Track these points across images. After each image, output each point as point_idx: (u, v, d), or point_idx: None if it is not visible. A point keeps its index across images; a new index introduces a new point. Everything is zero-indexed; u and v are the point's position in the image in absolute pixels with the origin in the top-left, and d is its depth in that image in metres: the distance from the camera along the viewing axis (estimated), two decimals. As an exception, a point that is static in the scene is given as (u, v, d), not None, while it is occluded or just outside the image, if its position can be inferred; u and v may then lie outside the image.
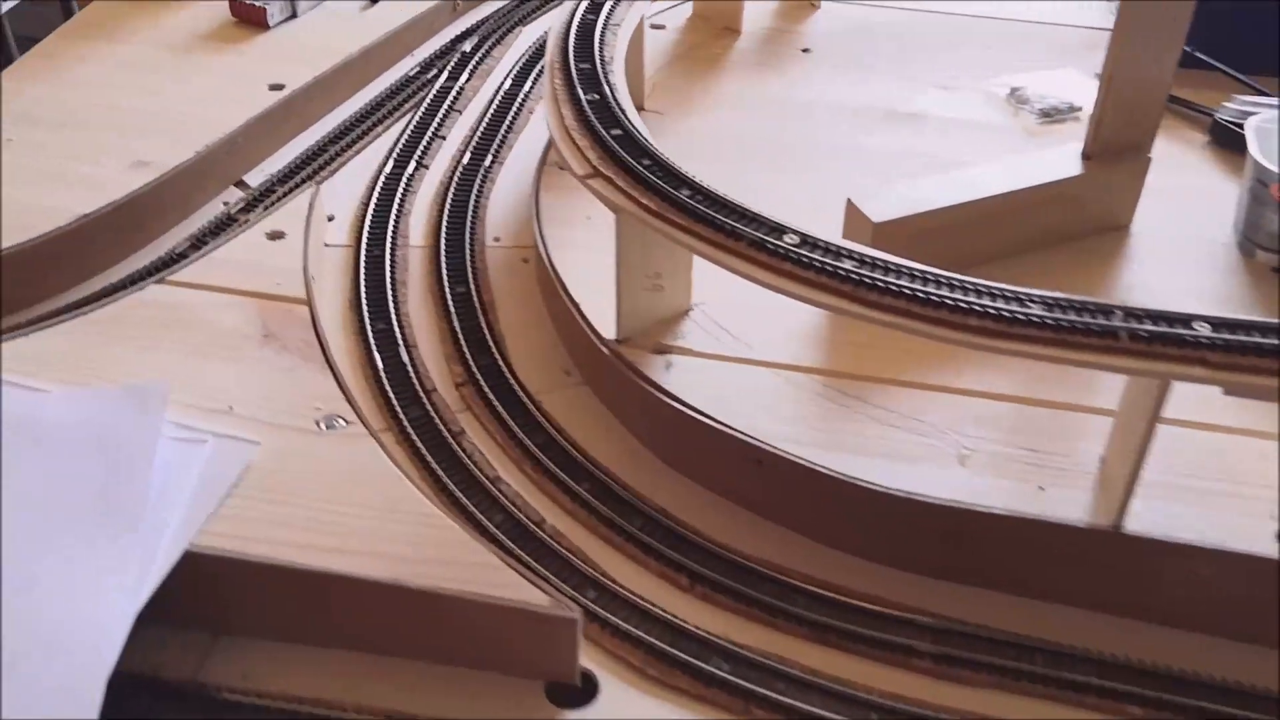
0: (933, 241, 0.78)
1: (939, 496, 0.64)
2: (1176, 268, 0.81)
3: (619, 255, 0.71)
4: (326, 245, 0.87)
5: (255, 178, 0.93)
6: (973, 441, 0.68)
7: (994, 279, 0.61)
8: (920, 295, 0.60)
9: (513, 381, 0.77)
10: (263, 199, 0.90)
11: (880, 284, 0.61)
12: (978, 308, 0.60)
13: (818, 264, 0.63)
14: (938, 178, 0.80)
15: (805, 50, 1.06)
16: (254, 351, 0.73)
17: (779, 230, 0.65)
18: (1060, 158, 0.81)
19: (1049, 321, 0.59)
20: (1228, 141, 0.93)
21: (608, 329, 0.75)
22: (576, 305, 0.76)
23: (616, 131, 0.74)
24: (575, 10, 0.88)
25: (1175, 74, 0.79)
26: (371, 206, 0.90)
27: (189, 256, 0.83)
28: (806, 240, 0.64)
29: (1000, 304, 0.60)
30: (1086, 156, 0.81)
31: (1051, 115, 0.96)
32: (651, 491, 0.70)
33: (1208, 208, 0.87)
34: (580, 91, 0.77)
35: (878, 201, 0.77)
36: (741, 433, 0.68)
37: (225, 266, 0.80)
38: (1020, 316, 0.59)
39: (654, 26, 1.09)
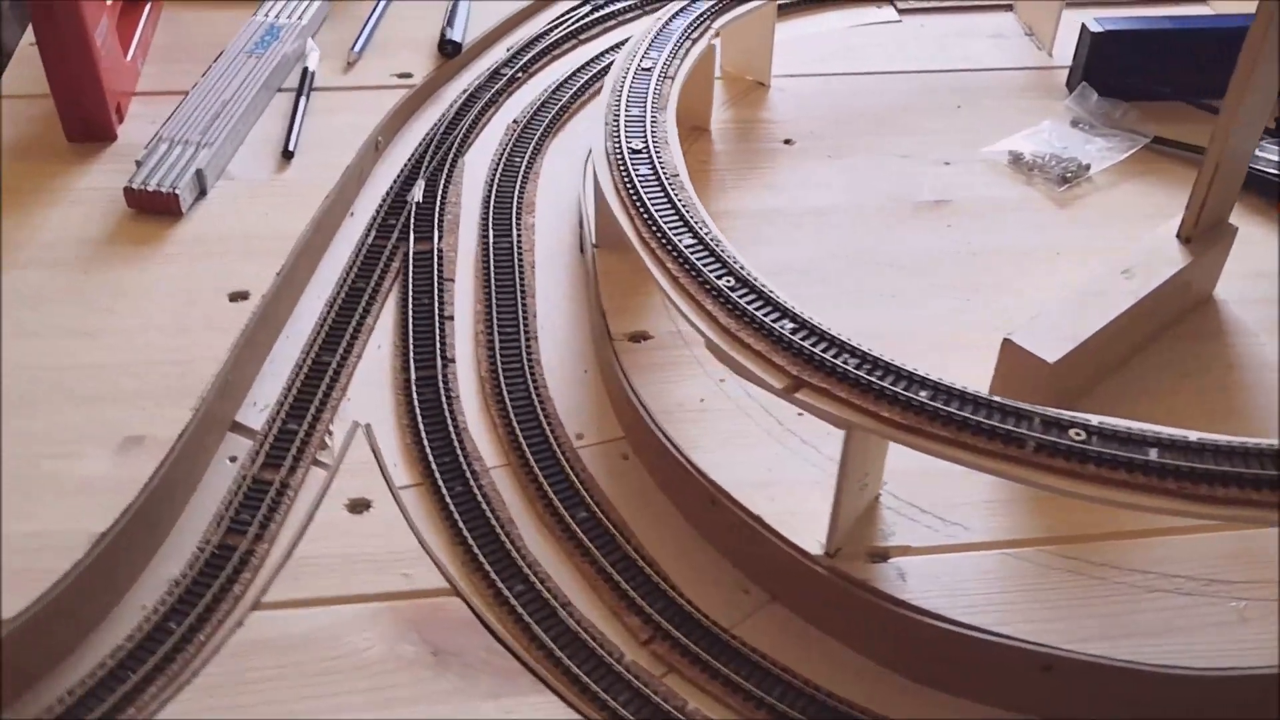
0: (1082, 366, 0.73)
1: (1256, 666, 0.60)
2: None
3: (845, 470, 0.62)
4: (389, 490, 0.72)
5: (251, 416, 0.76)
6: (1237, 589, 0.64)
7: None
8: (1266, 478, 0.55)
9: (702, 619, 0.66)
10: (282, 445, 0.73)
11: (1211, 472, 0.56)
12: (1317, 478, 0.56)
13: (1124, 460, 0.56)
14: (1071, 294, 0.75)
15: (787, 142, 0.98)
16: (434, 682, 0.58)
17: (1057, 424, 0.58)
18: (1164, 244, 0.79)
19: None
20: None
21: (803, 539, 0.66)
22: (759, 519, 0.66)
23: (787, 324, 0.64)
24: (620, 164, 0.76)
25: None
26: (424, 430, 0.75)
27: (248, 555, 0.66)
28: (1093, 431, 0.58)
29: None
30: (1186, 240, 0.79)
31: (1070, 180, 0.93)
32: (927, 723, 0.62)
33: (1260, 258, 0.87)
34: (712, 276, 0.67)
35: (1035, 335, 0.72)
36: (1026, 641, 0.61)
37: (322, 568, 0.64)
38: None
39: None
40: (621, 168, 0.76)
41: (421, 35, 1.10)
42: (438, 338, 0.81)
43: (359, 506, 0.67)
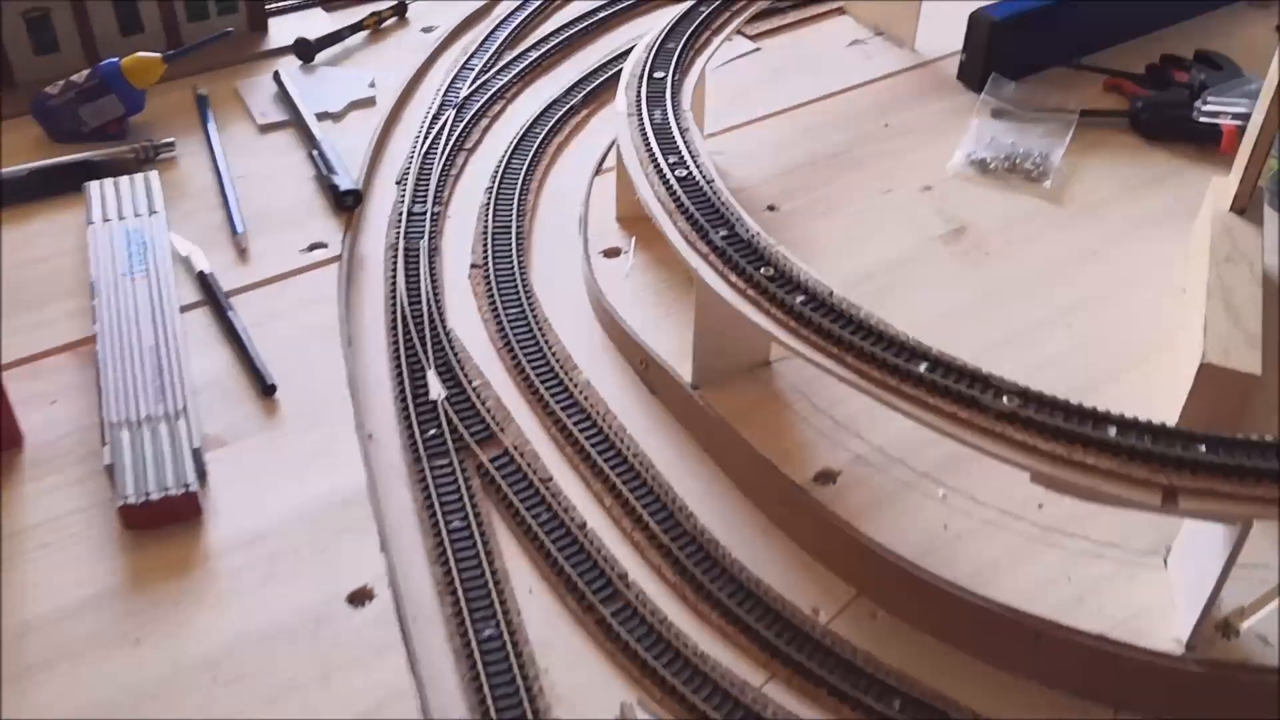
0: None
1: None
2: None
3: (1232, 562, 0.58)
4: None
5: None
6: None
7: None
8: None
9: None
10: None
11: None
12: None
13: None
14: (1205, 296, 0.75)
15: (771, 209, 0.91)
16: None
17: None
18: (1230, 222, 0.81)
19: None
20: (1155, 132, 0.98)
21: (1159, 642, 0.61)
22: (1102, 638, 0.61)
23: (1110, 429, 0.58)
24: (762, 289, 0.66)
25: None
26: (665, 673, 0.62)
27: None
28: None
29: None
30: (1240, 211, 0.81)
31: (1047, 174, 0.93)
32: None
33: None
34: (987, 399, 0.60)
35: (1223, 351, 0.70)
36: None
37: None
38: None
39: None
40: (768, 294, 0.67)
41: (296, 193, 0.91)
42: (591, 551, 0.68)
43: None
